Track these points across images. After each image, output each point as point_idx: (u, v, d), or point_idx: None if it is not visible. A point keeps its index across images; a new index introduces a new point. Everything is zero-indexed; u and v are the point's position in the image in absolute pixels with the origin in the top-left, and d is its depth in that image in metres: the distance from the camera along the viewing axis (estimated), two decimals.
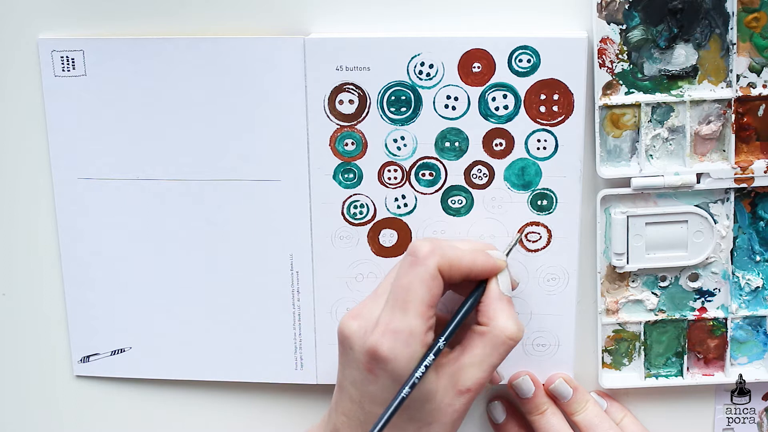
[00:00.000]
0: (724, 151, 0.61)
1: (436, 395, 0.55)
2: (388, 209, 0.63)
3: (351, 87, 0.61)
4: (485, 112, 0.61)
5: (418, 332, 0.54)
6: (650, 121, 0.61)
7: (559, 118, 0.61)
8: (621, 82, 0.60)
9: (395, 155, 0.62)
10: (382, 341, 0.54)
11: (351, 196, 0.63)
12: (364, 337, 0.55)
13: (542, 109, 0.61)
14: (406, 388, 0.53)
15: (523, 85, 0.60)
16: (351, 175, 0.63)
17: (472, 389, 0.56)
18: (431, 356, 0.54)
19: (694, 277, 0.64)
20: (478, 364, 0.56)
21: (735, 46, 0.59)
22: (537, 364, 0.65)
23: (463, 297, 0.59)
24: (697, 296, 0.64)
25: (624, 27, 0.59)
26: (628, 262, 0.63)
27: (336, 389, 0.59)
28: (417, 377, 0.54)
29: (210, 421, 0.69)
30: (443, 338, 0.56)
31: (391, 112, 0.61)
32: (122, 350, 0.68)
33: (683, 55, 0.60)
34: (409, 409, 0.55)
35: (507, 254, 0.60)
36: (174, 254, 0.65)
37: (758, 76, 0.60)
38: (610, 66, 0.60)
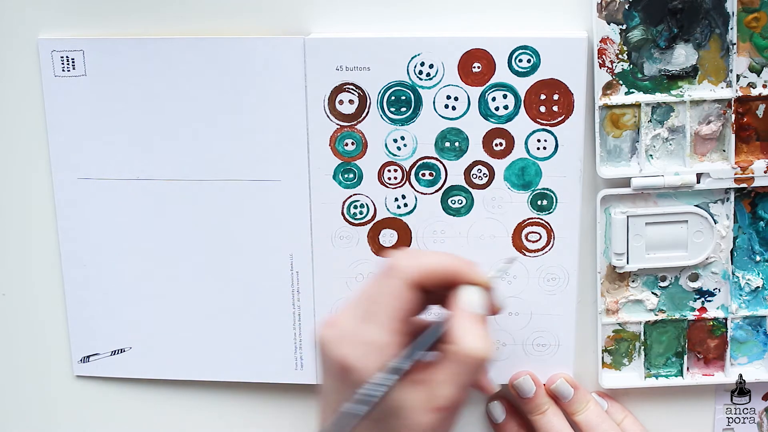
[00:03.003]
0: (724, 151, 0.61)
1: (404, 411, 0.52)
2: (388, 209, 0.63)
3: (351, 87, 0.61)
4: (485, 112, 0.61)
5: (382, 344, 0.52)
6: (650, 121, 0.61)
7: (559, 118, 0.61)
8: (621, 82, 0.60)
9: (395, 155, 0.62)
10: (349, 352, 0.52)
11: (351, 196, 0.63)
12: (336, 346, 0.52)
13: (542, 109, 0.61)
14: (361, 405, 0.50)
15: (523, 85, 0.60)
16: (351, 175, 0.63)
17: (443, 408, 0.52)
18: (392, 376, 0.51)
19: (694, 277, 0.64)
20: (449, 382, 0.52)
21: (735, 46, 0.59)
22: (537, 364, 0.65)
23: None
24: (697, 296, 0.64)
25: (624, 27, 0.59)
26: (628, 262, 0.63)
27: (320, 396, 0.56)
28: (374, 395, 0.51)
29: (210, 421, 0.69)
30: (404, 360, 0.52)
31: (391, 112, 0.61)
32: (122, 350, 0.68)
33: (683, 55, 0.60)
34: (377, 422, 0.53)
35: (492, 277, 0.56)
36: (174, 254, 0.65)
37: (758, 76, 0.60)
38: (610, 66, 0.60)
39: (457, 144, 0.62)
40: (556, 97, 0.60)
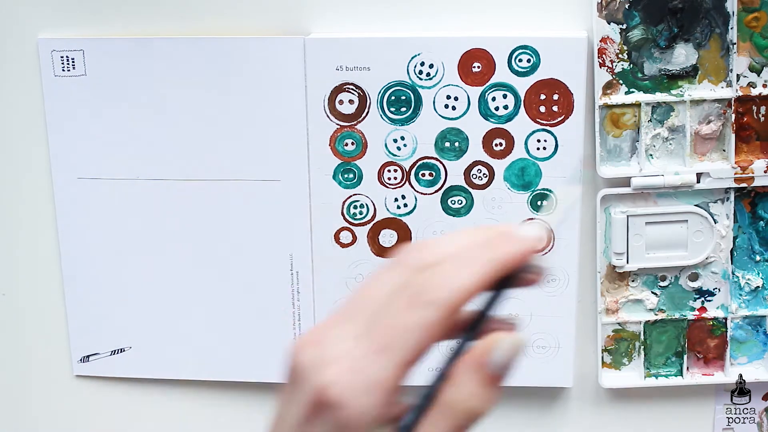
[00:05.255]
0: (724, 150, 0.61)
1: None
2: (388, 209, 0.63)
3: (351, 87, 0.61)
4: (485, 112, 0.61)
5: (390, 385, 0.38)
6: (650, 120, 0.61)
7: (559, 118, 0.61)
8: (621, 81, 0.60)
9: (395, 155, 0.62)
10: (337, 381, 0.38)
11: (351, 196, 0.63)
12: (318, 370, 0.39)
13: (542, 109, 0.61)
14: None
15: (523, 85, 0.60)
16: (351, 175, 0.63)
17: None
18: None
19: (694, 277, 0.64)
20: None
21: (735, 46, 0.59)
22: (537, 366, 0.65)
23: None
24: (697, 296, 0.64)
25: (624, 26, 0.59)
26: (628, 262, 0.63)
27: (272, 424, 0.42)
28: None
29: (209, 421, 0.69)
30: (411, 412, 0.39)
31: (391, 112, 0.61)
32: (122, 350, 0.68)
33: (683, 55, 0.60)
34: None
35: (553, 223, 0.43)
36: (174, 254, 0.65)
37: (758, 75, 0.60)
38: (610, 65, 0.60)
39: (457, 144, 0.62)
40: (556, 97, 0.60)
